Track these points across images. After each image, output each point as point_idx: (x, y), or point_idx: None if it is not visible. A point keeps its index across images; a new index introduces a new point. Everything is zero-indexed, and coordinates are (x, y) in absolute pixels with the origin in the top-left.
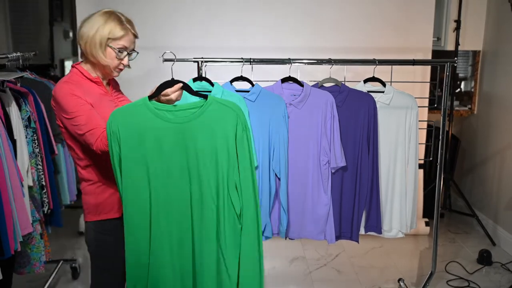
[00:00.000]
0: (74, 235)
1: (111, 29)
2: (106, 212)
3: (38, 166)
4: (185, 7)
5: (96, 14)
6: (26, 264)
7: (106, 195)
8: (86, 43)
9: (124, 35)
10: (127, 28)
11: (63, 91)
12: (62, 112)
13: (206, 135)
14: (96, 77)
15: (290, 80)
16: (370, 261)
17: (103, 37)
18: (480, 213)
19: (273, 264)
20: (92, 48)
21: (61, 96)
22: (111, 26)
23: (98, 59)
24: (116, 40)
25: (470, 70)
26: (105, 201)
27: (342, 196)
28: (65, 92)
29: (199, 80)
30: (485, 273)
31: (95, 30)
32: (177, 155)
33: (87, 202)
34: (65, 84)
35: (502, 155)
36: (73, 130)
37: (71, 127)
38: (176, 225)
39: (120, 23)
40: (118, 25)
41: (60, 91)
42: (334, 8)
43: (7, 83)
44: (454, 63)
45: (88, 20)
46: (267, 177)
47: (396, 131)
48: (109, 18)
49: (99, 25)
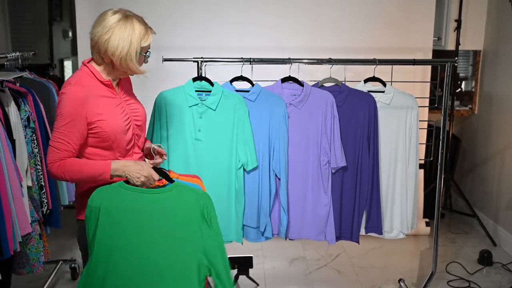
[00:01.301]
0: (73, 235)
1: (141, 37)
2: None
3: (37, 166)
4: (185, 7)
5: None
6: (25, 264)
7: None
8: (121, 59)
9: (149, 38)
10: (150, 30)
11: (69, 93)
12: (57, 108)
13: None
14: (107, 80)
15: (290, 80)
16: (370, 261)
17: (137, 49)
18: (481, 213)
19: (273, 265)
20: (128, 62)
21: (64, 97)
22: (140, 34)
23: (133, 70)
24: (146, 47)
25: (470, 70)
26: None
27: (342, 197)
28: (70, 96)
29: (199, 80)
30: (486, 273)
31: (129, 44)
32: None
33: (78, 200)
34: (74, 87)
35: (502, 155)
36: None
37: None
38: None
39: (145, 28)
40: (144, 31)
41: (68, 92)
42: (335, 8)
43: (6, 83)
44: (454, 63)
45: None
46: (267, 177)
47: (396, 131)
48: (134, 25)
49: (131, 37)
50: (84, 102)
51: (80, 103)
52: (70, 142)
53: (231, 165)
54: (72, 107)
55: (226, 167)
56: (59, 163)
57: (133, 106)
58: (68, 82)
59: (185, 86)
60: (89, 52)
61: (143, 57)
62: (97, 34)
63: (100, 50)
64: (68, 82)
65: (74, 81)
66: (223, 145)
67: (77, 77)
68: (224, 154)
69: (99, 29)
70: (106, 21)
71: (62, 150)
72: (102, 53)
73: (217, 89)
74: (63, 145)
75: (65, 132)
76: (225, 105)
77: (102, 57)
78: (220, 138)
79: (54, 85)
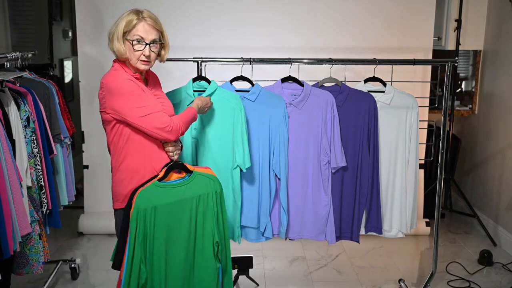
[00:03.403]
0: (73, 235)
1: (126, 21)
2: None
3: (37, 166)
4: (184, 7)
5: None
6: (25, 264)
7: (133, 184)
8: (109, 41)
9: (137, 24)
10: (141, 18)
11: (120, 78)
12: (120, 97)
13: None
14: (136, 73)
15: (290, 79)
16: (370, 261)
17: (119, 31)
18: (481, 213)
19: (273, 265)
20: (113, 44)
21: (118, 82)
22: (127, 19)
23: (117, 53)
24: (131, 31)
25: (471, 70)
26: (131, 190)
27: (342, 196)
28: (122, 78)
29: (198, 80)
30: (486, 273)
31: (115, 27)
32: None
33: (119, 191)
34: (116, 72)
35: (503, 155)
36: (136, 113)
37: (132, 111)
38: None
39: (136, 15)
40: (133, 17)
41: (117, 78)
42: (335, 8)
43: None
44: (455, 63)
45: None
46: (267, 177)
47: (396, 131)
48: (127, 14)
49: (119, 22)
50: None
51: (136, 85)
52: (156, 102)
53: (227, 164)
54: (131, 83)
55: (222, 166)
56: (172, 118)
57: (162, 100)
58: (108, 75)
59: (186, 86)
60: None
61: (130, 43)
62: None
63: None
64: (108, 74)
65: (113, 71)
66: (220, 144)
67: (113, 69)
68: (221, 154)
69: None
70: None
71: (161, 109)
72: (109, 46)
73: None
74: (158, 105)
75: (147, 98)
76: (223, 105)
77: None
78: (217, 137)
79: (54, 85)
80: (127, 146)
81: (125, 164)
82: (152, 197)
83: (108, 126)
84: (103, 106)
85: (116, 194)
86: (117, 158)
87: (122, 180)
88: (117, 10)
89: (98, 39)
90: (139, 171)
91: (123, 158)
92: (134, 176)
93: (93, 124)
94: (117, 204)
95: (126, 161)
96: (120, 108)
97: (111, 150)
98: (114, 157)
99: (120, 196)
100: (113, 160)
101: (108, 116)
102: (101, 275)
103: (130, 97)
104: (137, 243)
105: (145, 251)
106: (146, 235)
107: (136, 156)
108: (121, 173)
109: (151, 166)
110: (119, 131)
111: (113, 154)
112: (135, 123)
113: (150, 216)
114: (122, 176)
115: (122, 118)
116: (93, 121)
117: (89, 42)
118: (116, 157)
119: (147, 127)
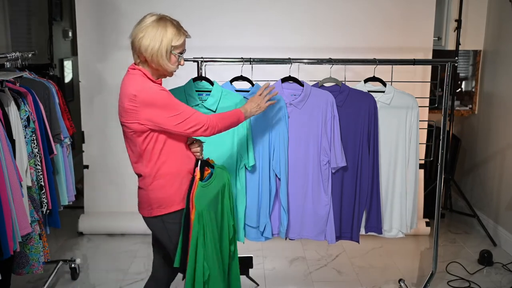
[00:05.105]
0: (73, 235)
1: (172, 37)
2: (178, 203)
3: (37, 166)
4: (184, 6)
5: (149, 23)
6: (25, 264)
7: (176, 187)
8: (153, 55)
9: (183, 40)
10: (183, 32)
11: (153, 90)
12: (157, 109)
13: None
14: (159, 80)
15: (290, 79)
16: (370, 261)
17: (168, 47)
18: (481, 213)
19: (273, 265)
20: (159, 59)
21: (153, 94)
22: (172, 34)
23: (164, 67)
24: (177, 46)
25: (471, 70)
26: (175, 193)
27: (342, 196)
28: (155, 90)
29: (199, 80)
30: (486, 273)
31: (160, 42)
32: None
33: (156, 197)
34: (147, 84)
35: (503, 155)
36: (173, 121)
37: (169, 119)
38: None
39: (177, 29)
40: (176, 32)
41: (150, 90)
42: (335, 8)
43: (6, 83)
44: (455, 63)
45: (144, 31)
46: (267, 177)
47: (396, 131)
48: (166, 26)
49: (162, 36)
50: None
51: (168, 94)
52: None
53: (232, 164)
54: (168, 96)
55: (228, 166)
56: (208, 117)
57: None
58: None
59: (185, 86)
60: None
61: (175, 57)
62: (134, 34)
63: (135, 48)
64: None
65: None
66: (224, 145)
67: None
68: (226, 154)
69: (136, 29)
70: (143, 22)
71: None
72: (137, 51)
73: (216, 89)
74: (191, 108)
75: (180, 103)
76: (225, 105)
77: (138, 55)
78: (221, 138)
79: (54, 85)
80: (164, 152)
81: (164, 169)
82: (202, 197)
83: (140, 136)
84: (134, 118)
85: (157, 200)
86: (153, 164)
87: (163, 186)
88: (117, 10)
89: (98, 39)
90: (179, 174)
91: (161, 164)
92: (175, 180)
93: (93, 124)
94: (158, 210)
95: (165, 166)
96: (156, 118)
97: (144, 158)
98: (150, 164)
99: (163, 201)
100: (149, 167)
101: (143, 127)
102: (101, 275)
103: (166, 108)
104: (199, 243)
105: (205, 249)
106: (205, 234)
107: (174, 159)
108: (161, 179)
109: (186, 167)
110: (153, 138)
111: (147, 162)
112: (173, 130)
113: (206, 216)
114: (162, 182)
115: (158, 127)
116: (93, 121)
117: (89, 42)
118: (152, 163)
119: (185, 131)
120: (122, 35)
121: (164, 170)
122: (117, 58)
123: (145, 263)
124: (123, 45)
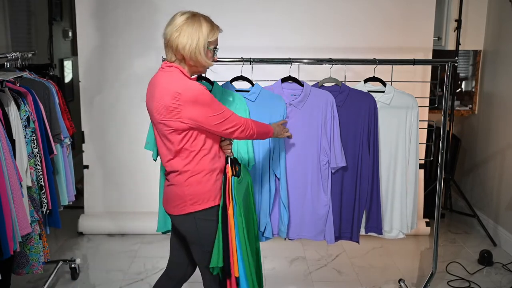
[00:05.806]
0: (73, 235)
1: (208, 33)
2: (213, 199)
3: (37, 166)
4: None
5: (183, 21)
6: (25, 264)
7: (211, 183)
8: (191, 53)
9: (217, 35)
10: (216, 27)
11: (195, 88)
12: (200, 108)
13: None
14: (194, 77)
15: (290, 80)
16: (370, 261)
17: (204, 43)
18: (481, 213)
19: (273, 265)
20: (197, 56)
21: (196, 92)
22: (207, 30)
23: (202, 64)
24: (212, 42)
25: (471, 70)
26: (210, 189)
27: (342, 197)
28: (198, 88)
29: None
30: (486, 273)
31: (197, 39)
32: None
33: (192, 193)
34: (189, 82)
35: (503, 155)
36: (214, 120)
37: (210, 119)
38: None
39: (211, 25)
40: (210, 27)
41: (193, 88)
42: (335, 8)
43: (6, 83)
44: (455, 63)
45: (179, 30)
46: (267, 177)
47: (396, 131)
48: (200, 22)
49: (198, 33)
50: None
51: (209, 93)
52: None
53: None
54: (210, 96)
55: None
56: (244, 120)
57: None
58: (180, 83)
59: None
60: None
61: (211, 52)
62: (169, 33)
63: (172, 46)
64: (179, 83)
65: (182, 78)
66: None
67: (178, 76)
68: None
69: (170, 28)
70: (176, 21)
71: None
72: (174, 49)
73: (217, 89)
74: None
75: (224, 108)
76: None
77: (174, 54)
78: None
79: (54, 85)
80: (202, 149)
81: (201, 166)
82: (237, 193)
83: (179, 134)
84: (175, 116)
85: (193, 196)
86: (191, 161)
87: (199, 181)
88: (117, 10)
89: (98, 39)
90: (214, 170)
91: (199, 160)
92: (211, 176)
93: (93, 124)
94: (192, 207)
95: (202, 163)
96: (199, 117)
97: (182, 155)
98: (187, 160)
99: (199, 197)
100: (186, 163)
101: (184, 125)
102: (101, 275)
103: (209, 107)
104: (244, 236)
105: (246, 242)
106: (244, 227)
107: (211, 156)
108: (198, 174)
109: (220, 164)
110: (193, 136)
111: (185, 158)
112: (212, 129)
113: (244, 209)
114: (199, 177)
115: (198, 126)
116: (93, 121)
117: (89, 42)
118: (190, 160)
119: (223, 131)
120: (122, 35)
121: (201, 166)
122: (117, 58)
123: (145, 263)
124: (123, 45)
